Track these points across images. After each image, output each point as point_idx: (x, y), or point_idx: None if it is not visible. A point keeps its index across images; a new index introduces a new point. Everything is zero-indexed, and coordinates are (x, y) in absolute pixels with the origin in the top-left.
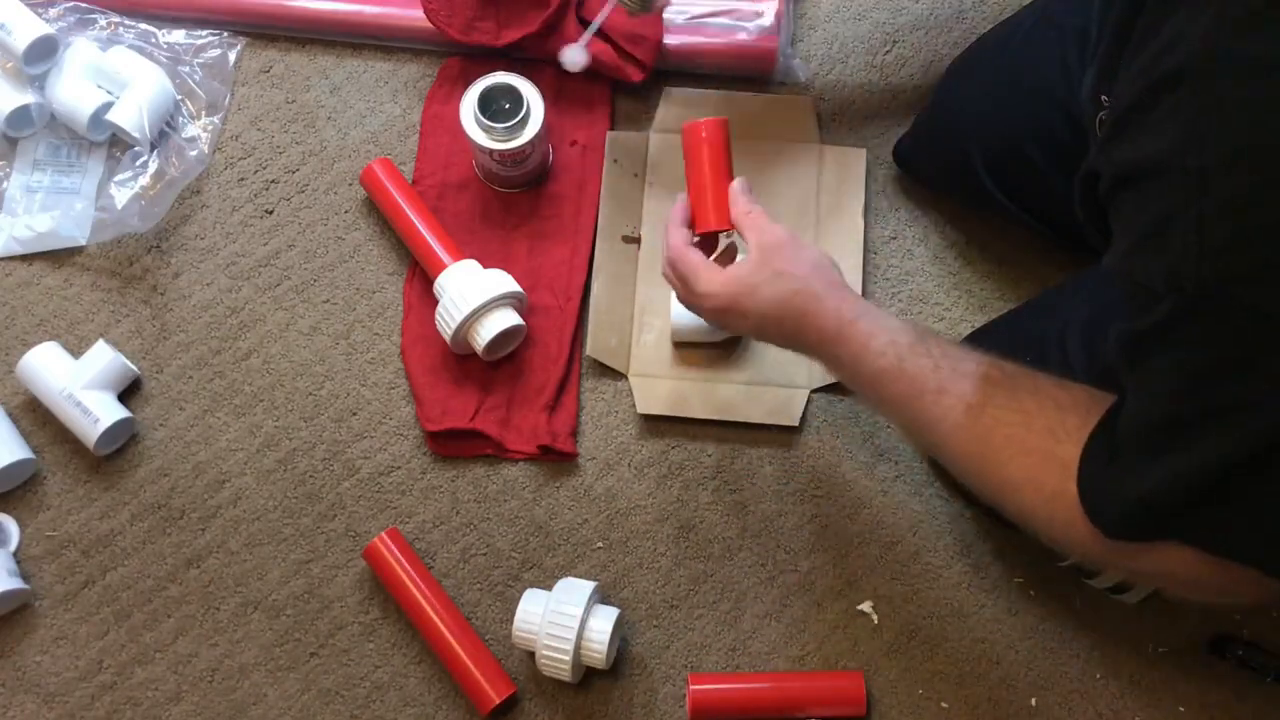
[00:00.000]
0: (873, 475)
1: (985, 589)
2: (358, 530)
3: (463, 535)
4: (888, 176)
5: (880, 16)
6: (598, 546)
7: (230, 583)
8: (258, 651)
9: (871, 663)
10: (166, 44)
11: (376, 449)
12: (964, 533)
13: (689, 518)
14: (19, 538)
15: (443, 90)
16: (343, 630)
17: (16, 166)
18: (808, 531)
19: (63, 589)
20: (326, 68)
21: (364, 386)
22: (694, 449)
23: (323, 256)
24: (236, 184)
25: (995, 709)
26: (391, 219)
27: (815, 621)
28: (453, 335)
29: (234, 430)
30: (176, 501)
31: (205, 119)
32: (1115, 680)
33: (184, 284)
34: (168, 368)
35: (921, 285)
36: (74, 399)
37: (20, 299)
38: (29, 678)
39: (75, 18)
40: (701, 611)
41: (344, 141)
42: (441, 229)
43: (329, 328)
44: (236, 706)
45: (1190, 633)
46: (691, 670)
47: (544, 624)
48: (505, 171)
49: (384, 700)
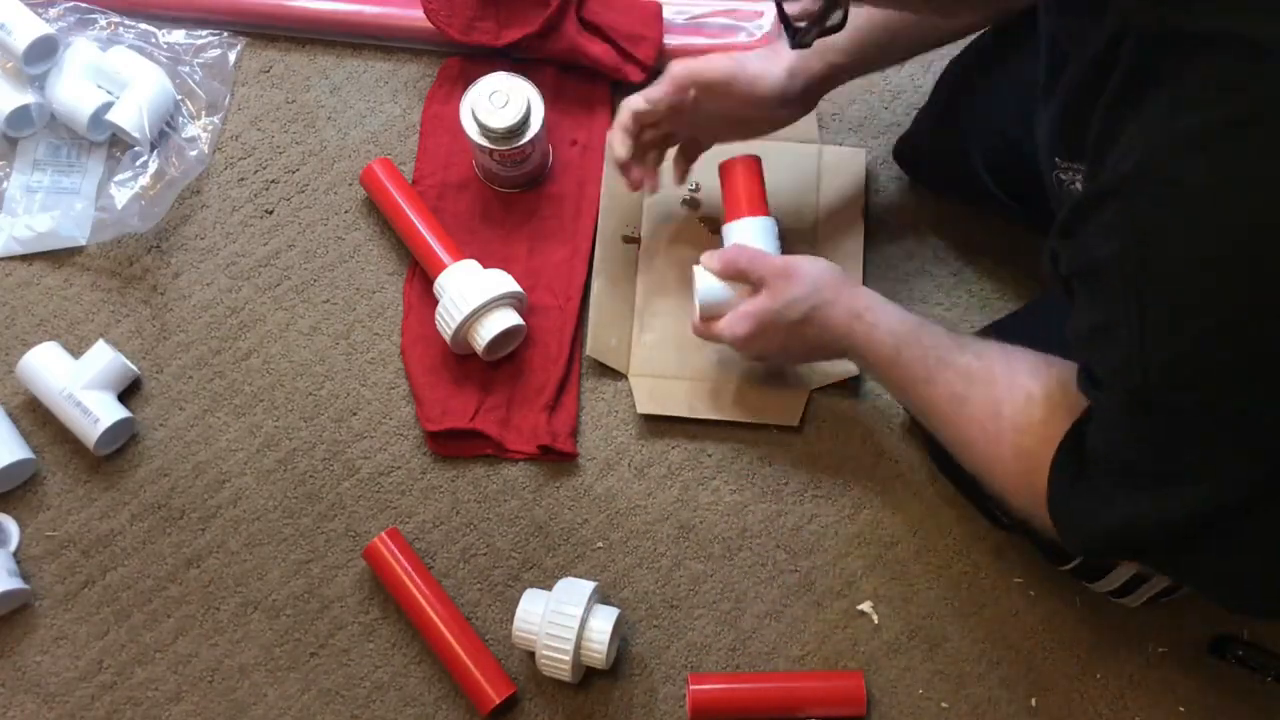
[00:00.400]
0: (873, 475)
1: (985, 589)
2: (358, 530)
3: (463, 535)
4: (888, 177)
5: None
6: (598, 546)
7: (230, 583)
8: (258, 651)
9: (871, 663)
10: (166, 44)
11: (376, 449)
12: (964, 533)
13: (689, 518)
14: (19, 538)
15: (443, 90)
16: (343, 630)
17: (16, 166)
18: (808, 531)
19: (63, 589)
20: (326, 68)
21: (364, 386)
22: (694, 449)
23: (323, 256)
24: (236, 184)
25: (995, 709)
26: (391, 219)
27: (815, 621)
28: (453, 335)
29: (234, 430)
30: (176, 501)
31: (205, 119)
32: (1115, 680)
33: (184, 284)
34: (168, 368)
35: (921, 285)
36: (74, 399)
37: (20, 299)
38: (29, 678)
39: (75, 18)
40: (701, 611)
41: (344, 141)
42: (441, 229)
43: (329, 328)
44: (236, 706)
45: (1190, 633)
46: (691, 670)
47: (544, 624)
48: (505, 171)
49: (384, 700)
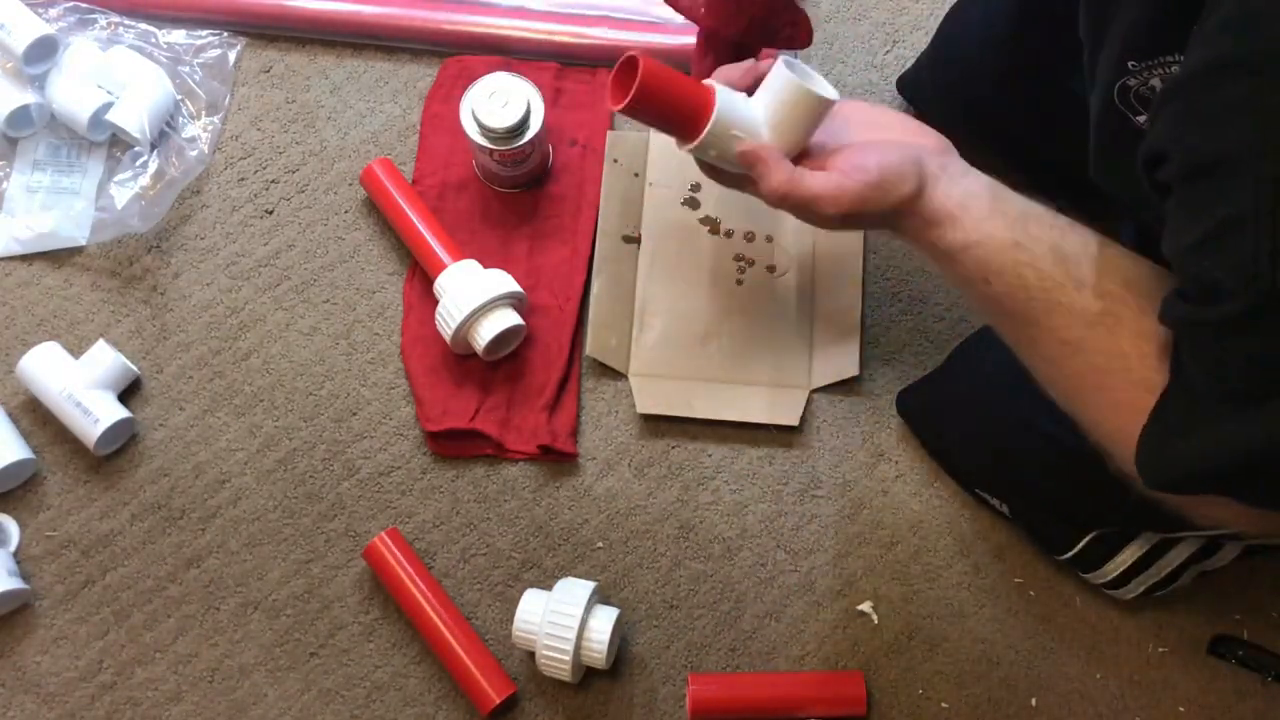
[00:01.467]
0: (873, 475)
1: (985, 589)
2: (358, 530)
3: (463, 535)
4: None
5: (880, 16)
6: (598, 546)
7: (230, 583)
8: (258, 651)
9: (871, 663)
10: (166, 44)
11: (376, 449)
12: (964, 533)
13: (689, 518)
14: (19, 538)
15: (443, 90)
16: (343, 630)
17: (16, 166)
18: (807, 531)
19: (63, 589)
20: (326, 68)
21: (364, 386)
22: (694, 449)
23: (323, 256)
24: (236, 184)
25: (995, 709)
26: (391, 219)
27: (815, 621)
28: (452, 335)
29: (234, 430)
30: (176, 501)
31: (205, 119)
32: (1115, 680)
33: (184, 284)
34: (168, 368)
35: (921, 286)
36: (74, 399)
37: (20, 299)
38: (29, 678)
39: (75, 18)
40: (701, 611)
41: (344, 141)
42: (441, 229)
43: (329, 328)
44: (236, 706)
45: (1190, 633)
46: (691, 670)
47: (544, 624)
48: (505, 171)
49: (384, 700)
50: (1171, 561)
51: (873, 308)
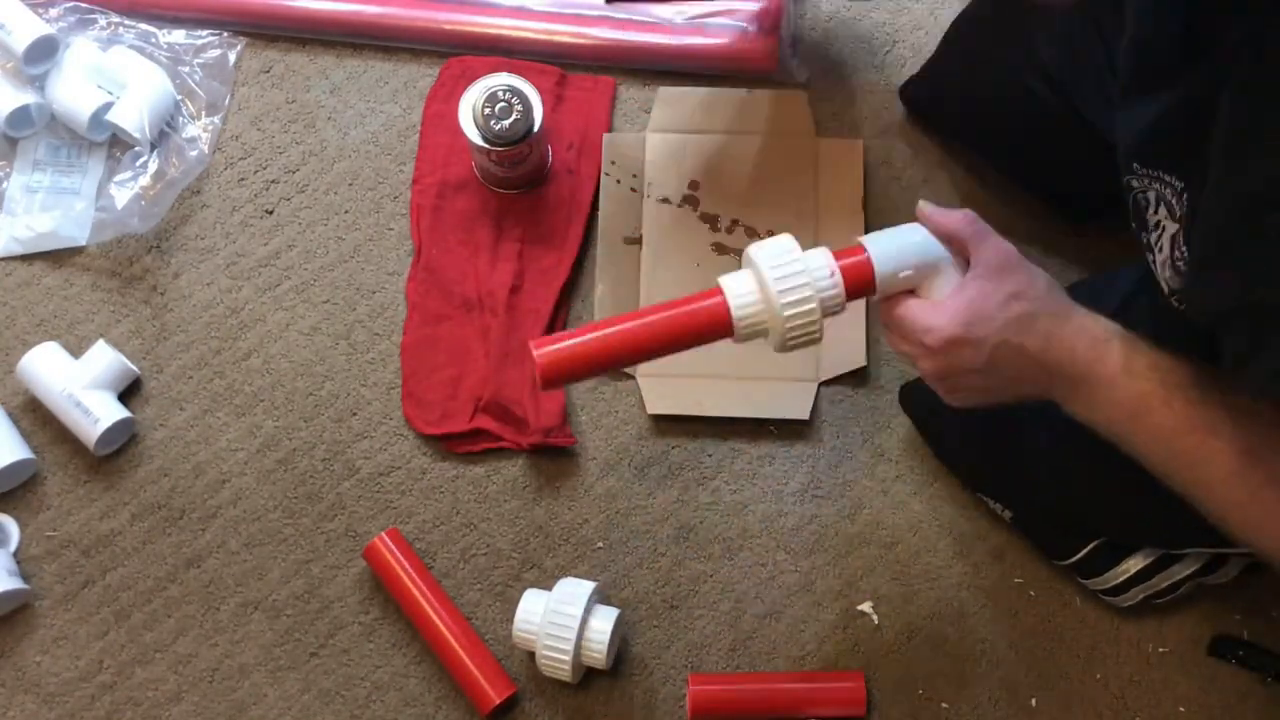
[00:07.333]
0: (873, 475)
1: (985, 589)
2: (358, 530)
3: (463, 535)
4: (888, 175)
5: (880, 16)
6: (598, 546)
7: (230, 583)
8: (258, 651)
9: (871, 663)
10: (166, 44)
11: (376, 449)
12: (964, 533)
13: (689, 518)
14: (19, 538)
15: (443, 90)
16: (343, 630)
17: (16, 166)
18: (808, 531)
19: (63, 589)
20: (326, 68)
21: (364, 386)
22: (694, 449)
23: (323, 256)
24: (236, 184)
25: (995, 709)
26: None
27: (815, 621)
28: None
29: (234, 430)
30: (176, 501)
31: (205, 119)
32: (1115, 680)
33: (184, 284)
34: (168, 368)
35: None
36: (74, 399)
37: (20, 299)
38: (29, 678)
39: (75, 18)
40: (701, 611)
41: (344, 141)
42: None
43: (329, 328)
44: (236, 706)
45: (1190, 633)
46: (691, 670)
47: (544, 624)
48: (503, 172)
49: (384, 700)
50: (1174, 575)
51: (875, 303)
